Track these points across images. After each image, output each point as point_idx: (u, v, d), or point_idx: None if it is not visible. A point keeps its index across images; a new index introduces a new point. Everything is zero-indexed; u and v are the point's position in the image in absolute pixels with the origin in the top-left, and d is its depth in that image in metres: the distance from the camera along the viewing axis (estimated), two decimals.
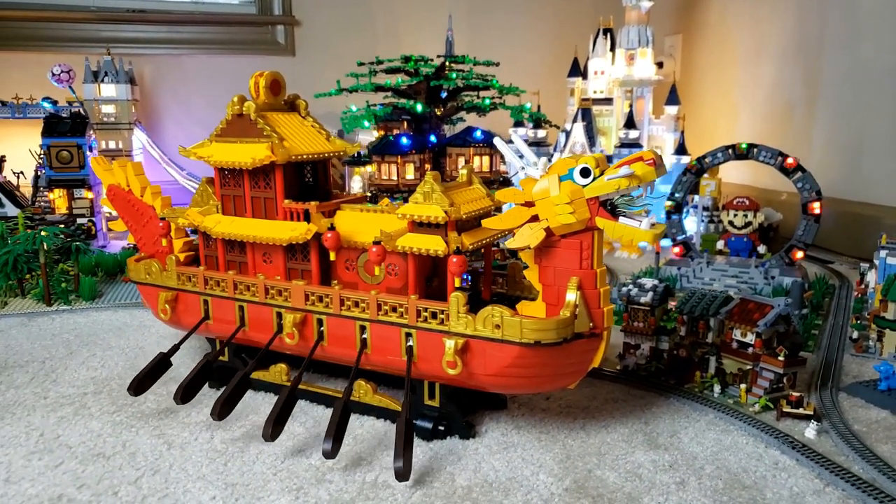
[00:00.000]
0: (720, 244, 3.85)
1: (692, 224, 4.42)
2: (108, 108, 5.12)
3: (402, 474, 1.76)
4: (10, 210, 4.40)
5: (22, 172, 4.81)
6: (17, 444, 2.03)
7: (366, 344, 2.06)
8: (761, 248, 3.80)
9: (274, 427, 1.91)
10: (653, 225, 1.79)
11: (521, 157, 3.06)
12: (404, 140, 3.51)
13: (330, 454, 1.82)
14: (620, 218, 1.79)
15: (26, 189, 4.79)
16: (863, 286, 3.28)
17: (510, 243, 1.88)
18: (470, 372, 1.91)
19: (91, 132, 4.85)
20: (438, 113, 3.72)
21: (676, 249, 3.78)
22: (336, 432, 1.85)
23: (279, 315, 2.20)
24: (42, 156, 4.56)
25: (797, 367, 2.23)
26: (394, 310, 2.00)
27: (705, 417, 2.16)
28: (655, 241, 1.83)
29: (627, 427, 2.10)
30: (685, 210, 4.66)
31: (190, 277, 2.37)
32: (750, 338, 2.23)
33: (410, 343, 1.98)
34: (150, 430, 2.10)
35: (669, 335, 2.47)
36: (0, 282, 3.46)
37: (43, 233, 3.40)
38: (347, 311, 2.08)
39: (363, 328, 2.06)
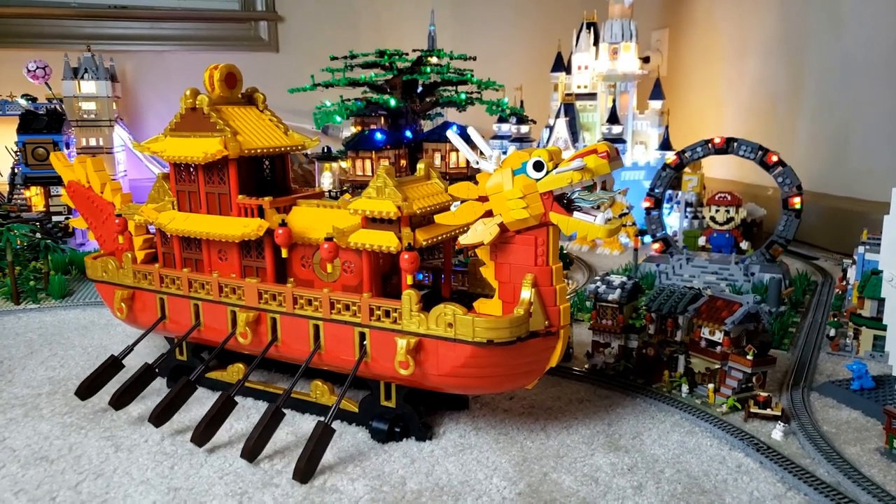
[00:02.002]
0: (702, 240, 3.79)
1: (675, 220, 4.37)
2: (89, 105, 5.04)
3: (299, 474, 1.72)
4: None
5: None
6: None
7: (319, 343, 2.01)
8: (744, 245, 3.73)
9: (204, 432, 1.87)
10: (608, 220, 1.72)
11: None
12: (378, 135, 3.46)
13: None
14: (575, 213, 1.73)
15: (2, 187, 4.74)
16: (844, 283, 3.23)
17: (463, 239, 1.82)
18: (423, 372, 1.85)
19: (69, 129, 4.80)
20: (414, 108, 3.66)
21: (656, 246, 3.72)
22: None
23: (234, 314, 2.14)
24: (18, 153, 4.50)
25: (766, 366, 2.18)
26: (347, 308, 1.95)
27: (671, 418, 2.10)
28: (610, 237, 1.77)
29: (589, 428, 2.04)
30: (670, 206, 4.61)
31: (146, 275, 2.32)
32: (718, 336, 2.17)
33: (364, 342, 1.93)
34: (100, 433, 2.05)
35: (639, 333, 2.41)
36: None
37: (10, 230, 3.34)
38: (301, 309, 2.02)
39: (317, 327, 2.01)
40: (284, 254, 2.04)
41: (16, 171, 4.56)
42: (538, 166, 1.73)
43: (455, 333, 1.78)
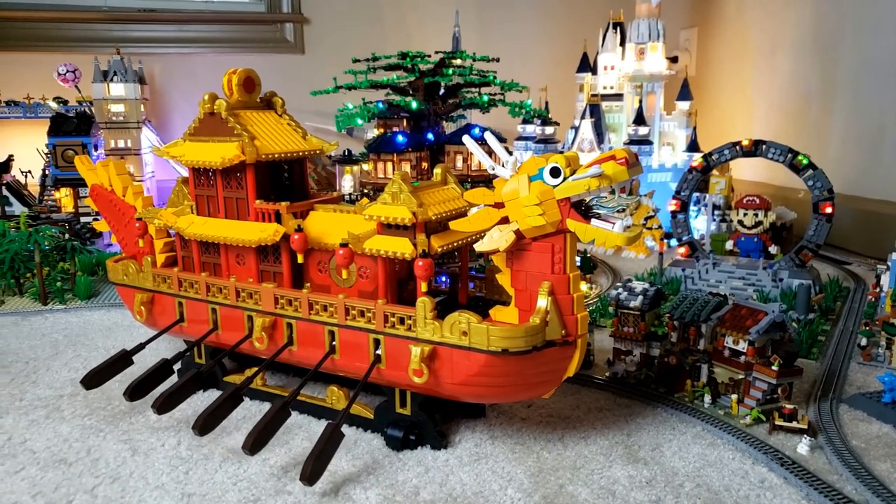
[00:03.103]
0: (729, 244, 3.71)
1: (702, 223, 4.29)
2: (117, 108, 5.12)
3: (307, 475, 1.68)
4: (18, 209, 4.44)
5: (30, 171, 4.85)
6: None
7: (333, 348, 2.00)
8: (773, 249, 3.64)
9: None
10: (627, 228, 1.68)
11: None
12: (400, 138, 3.43)
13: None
14: (593, 220, 1.69)
15: (35, 188, 4.83)
16: (877, 289, 3.13)
17: (479, 246, 1.79)
18: (438, 380, 1.83)
19: (98, 131, 4.87)
20: (437, 110, 3.63)
21: (682, 250, 3.65)
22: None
23: (251, 318, 2.14)
24: (48, 155, 4.58)
25: (792, 376, 2.11)
26: (362, 314, 1.93)
27: (692, 430, 2.05)
28: (629, 245, 1.73)
29: (608, 439, 2.00)
30: (697, 209, 4.53)
31: (165, 279, 2.33)
32: (742, 345, 2.12)
33: (378, 350, 1.91)
34: (118, 435, 2.06)
35: (661, 341, 2.36)
36: None
37: (39, 232, 3.40)
38: (316, 315, 2.01)
39: (332, 333, 2.00)
40: (300, 259, 2.04)
41: (46, 172, 4.64)
42: (555, 172, 1.69)
43: (469, 342, 1.75)
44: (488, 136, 1.87)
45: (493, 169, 1.79)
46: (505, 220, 1.77)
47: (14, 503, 1.73)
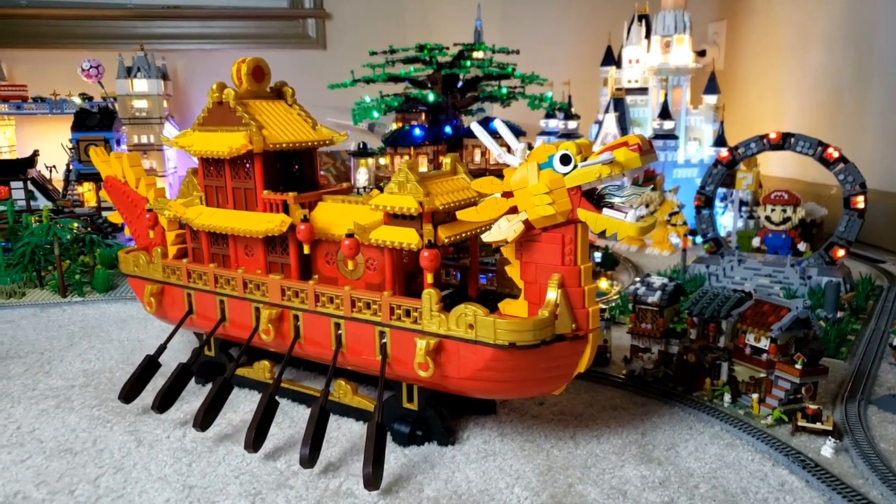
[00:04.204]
0: (756, 241, 3.59)
1: (729, 220, 4.18)
2: (140, 103, 5.16)
3: (371, 482, 1.65)
4: (43, 203, 4.49)
5: (54, 166, 4.91)
6: None
7: (341, 342, 1.96)
8: (801, 246, 3.52)
9: (256, 437, 1.83)
10: (640, 218, 1.61)
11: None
12: (417, 131, 3.40)
13: (307, 463, 1.73)
14: (604, 209, 1.63)
15: (59, 183, 4.89)
16: None
17: (486, 236, 1.74)
18: (444, 374, 1.78)
19: (121, 126, 4.91)
20: (455, 103, 3.59)
21: (706, 246, 3.55)
22: (313, 440, 1.75)
23: (257, 310, 2.12)
24: (72, 150, 4.63)
25: (817, 376, 2.02)
26: (368, 306, 1.89)
27: (710, 429, 1.97)
28: (642, 235, 1.66)
29: (621, 438, 1.93)
30: (724, 205, 4.41)
31: (174, 270, 2.31)
32: (764, 343, 2.03)
33: (385, 342, 1.87)
34: (125, 427, 2.05)
35: (680, 338, 2.28)
36: (18, 273, 3.51)
37: (58, 225, 3.43)
38: (322, 307, 1.98)
39: (338, 325, 1.96)
40: (306, 250, 2.00)
41: (70, 167, 4.69)
42: (565, 160, 1.63)
43: (476, 335, 1.70)
44: (498, 122, 1.81)
45: (502, 157, 1.73)
46: (514, 210, 1.71)
47: (17, 492, 1.72)
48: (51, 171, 4.87)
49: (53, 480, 1.77)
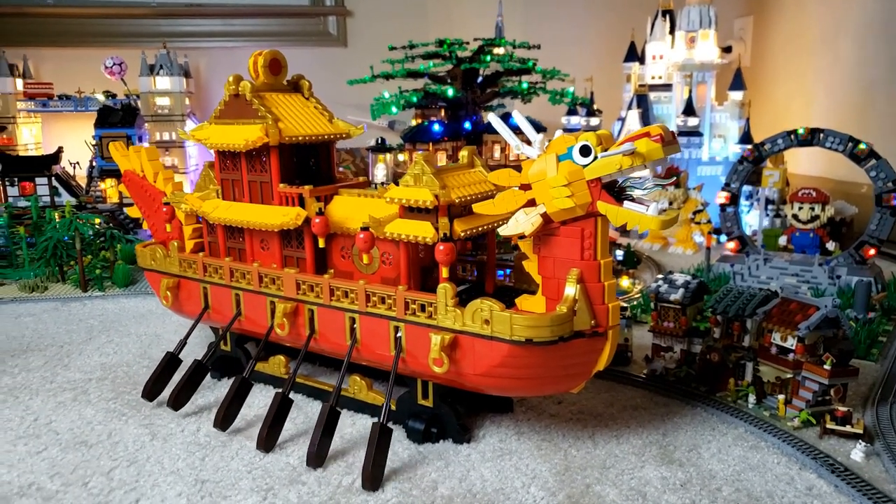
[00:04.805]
0: (783, 240, 3.51)
1: (755, 218, 4.09)
2: (163, 101, 5.21)
3: (368, 482, 1.64)
4: (67, 199, 4.53)
5: (78, 163, 4.95)
6: (9, 428, 2.01)
7: (356, 337, 1.93)
8: (830, 245, 3.42)
9: (268, 436, 1.82)
10: (662, 211, 1.56)
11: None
12: (436, 127, 3.37)
13: (314, 461, 1.72)
14: (625, 202, 1.58)
15: (83, 179, 4.94)
16: None
17: (503, 230, 1.70)
18: (459, 371, 1.75)
19: (143, 123, 4.95)
20: (475, 99, 3.55)
21: (731, 245, 3.47)
22: (321, 441, 1.73)
23: (273, 304, 2.10)
24: (95, 146, 4.67)
25: (847, 377, 1.95)
26: (382, 301, 1.86)
27: (734, 431, 1.91)
28: (664, 229, 1.61)
29: (642, 438, 1.88)
30: (749, 203, 4.32)
31: (191, 264, 2.31)
32: (791, 342, 1.96)
33: (399, 337, 1.84)
34: (140, 420, 2.04)
35: (703, 337, 2.22)
36: (41, 268, 3.54)
37: (79, 220, 3.45)
38: (337, 301, 1.95)
39: (353, 320, 1.93)
40: (321, 243, 1.98)
41: (93, 164, 4.74)
42: (585, 151, 1.59)
43: (492, 331, 1.66)
44: (516, 114, 1.77)
45: (520, 148, 1.69)
46: (532, 203, 1.67)
47: (32, 483, 1.72)
48: (74, 167, 4.92)
49: (68, 472, 1.76)
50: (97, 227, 3.66)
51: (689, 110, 4.48)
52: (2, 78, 5.11)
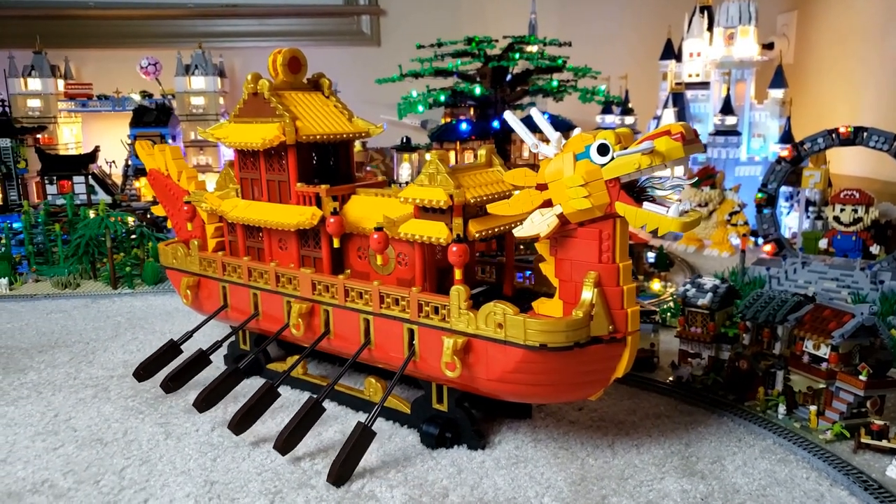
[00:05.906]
0: (823, 243, 3.37)
1: (795, 220, 3.94)
2: (197, 100, 5.26)
3: (333, 476, 1.64)
4: (103, 197, 4.62)
5: (114, 162, 5.04)
6: (30, 423, 2.04)
7: (369, 338, 1.90)
8: (874, 249, 3.27)
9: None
10: (684, 212, 1.49)
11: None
12: (464, 126, 3.32)
13: (282, 447, 1.74)
14: (645, 203, 1.51)
15: (119, 178, 5.02)
16: None
17: (518, 231, 1.65)
18: (472, 375, 1.70)
19: (178, 123, 5.01)
20: (504, 97, 3.49)
21: (768, 248, 3.35)
22: (296, 429, 1.75)
23: (289, 304, 2.08)
24: (130, 145, 4.75)
25: (885, 389, 1.84)
26: (396, 303, 1.83)
27: (761, 443, 1.82)
28: (685, 231, 1.54)
29: (663, 448, 1.81)
30: (789, 205, 4.17)
31: (210, 263, 2.31)
32: (823, 351, 1.87)
33: (413, 340, 1.80)
34: (156, 418, 2.05)
35: (731, 344, 2.13)
36: (73, 265, 3.61)
37: (111, 218, 3.50)
38: (352, 302, 1.92)
39: (367, 322, 1.90)
40: (336, 243, 1.95)
41: (128, 162, 4.82)
42: (603, 150, 1.52)
43: (505, 335, 1.61)
44: (534, 111, 1.72)
45: (537, 147, 1.64)
46: (548, 204, 1.61)
47: (45, 480, 1.73)
48: (111, 166, 5.00)
49: (81, 470, 1.77)
50: (131, 225, 3.71)
51: (726, 109, 4.35)
52: (45, 79, 5.22)
